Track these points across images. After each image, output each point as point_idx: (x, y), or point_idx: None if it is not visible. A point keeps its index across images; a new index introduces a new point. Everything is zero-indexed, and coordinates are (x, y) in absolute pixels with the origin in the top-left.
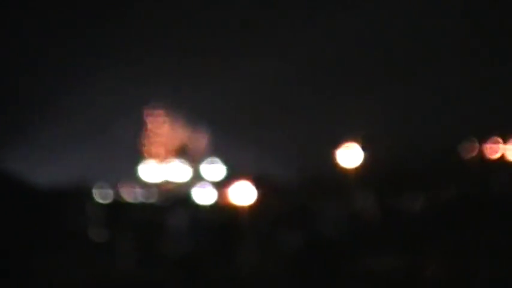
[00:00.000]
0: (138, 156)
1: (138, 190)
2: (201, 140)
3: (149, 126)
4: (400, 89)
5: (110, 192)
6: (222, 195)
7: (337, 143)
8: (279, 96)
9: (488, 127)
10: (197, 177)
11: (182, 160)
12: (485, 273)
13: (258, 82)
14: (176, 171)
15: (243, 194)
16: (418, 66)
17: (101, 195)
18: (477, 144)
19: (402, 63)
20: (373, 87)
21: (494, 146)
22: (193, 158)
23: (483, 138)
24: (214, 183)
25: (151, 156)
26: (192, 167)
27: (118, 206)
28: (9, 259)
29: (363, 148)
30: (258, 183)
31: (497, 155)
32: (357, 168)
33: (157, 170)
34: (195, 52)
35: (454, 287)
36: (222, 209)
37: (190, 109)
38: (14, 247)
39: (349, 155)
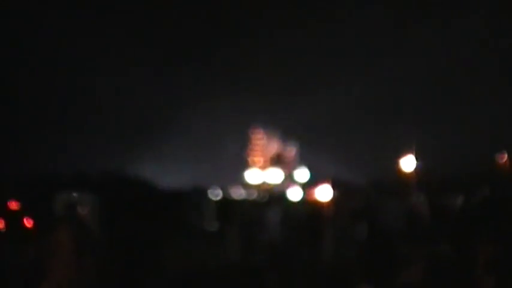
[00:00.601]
0: (244, 164)
1: (243, 190)
2: (291, 152)
3: (252, 141)
4: (451, 115)
5: (220, 192)
6: (307, 194)
7: (396, 154)
8: (352, 118)
9: None
10: (288, 180)
11: (277, 167)
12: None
13: (335, 107)
14: (272, 176)
15: (323, 193)
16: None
17: (214, 195)
18: (506, 155)
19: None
20: (428, 115)
21: None
22: (285, 165)
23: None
24: (301, 185)
25: (253, 164)
26: (284, 172)
27: (227, 202)
28: (141, 247)
29: (417, 157)
30: (334, 185)
31: None
32: (412, 174)
33: (258, 175)
34: (285, 85)
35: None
36: (307, 205)
37: (283, 128)
38: (145, 237)
39: (406, 163)
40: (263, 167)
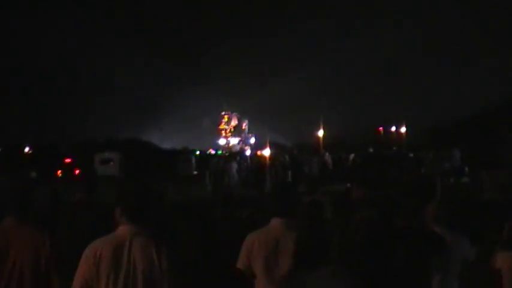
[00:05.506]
0: (216, 135)
1: (213, 150)
2: (245, 125)
3: (222, 119)
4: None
5: (199, 151)
6: (255, 151)
7: (313, 126)
8: (284, 103)
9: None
10: (244, 143)
11: (236, 135)
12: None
13: (279, 92)
14: (234, 140)
15: (265, 151)
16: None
17: (195, 152)
18: (382, 128)
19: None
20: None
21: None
22: (241, 133)
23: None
24: (251, 145)
25: (222, 133)
26: (241, 138)
27: (206, 155)
28: (150, 184)
29: (324, 129)
30: (272, 146)
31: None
32: (321, 138)
33: (226, 140)
34: (241, 82)
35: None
36: (255, 157)
37: (240, 110)
38: (152, 179)
39: (319, 132)
40: (229, 135)
